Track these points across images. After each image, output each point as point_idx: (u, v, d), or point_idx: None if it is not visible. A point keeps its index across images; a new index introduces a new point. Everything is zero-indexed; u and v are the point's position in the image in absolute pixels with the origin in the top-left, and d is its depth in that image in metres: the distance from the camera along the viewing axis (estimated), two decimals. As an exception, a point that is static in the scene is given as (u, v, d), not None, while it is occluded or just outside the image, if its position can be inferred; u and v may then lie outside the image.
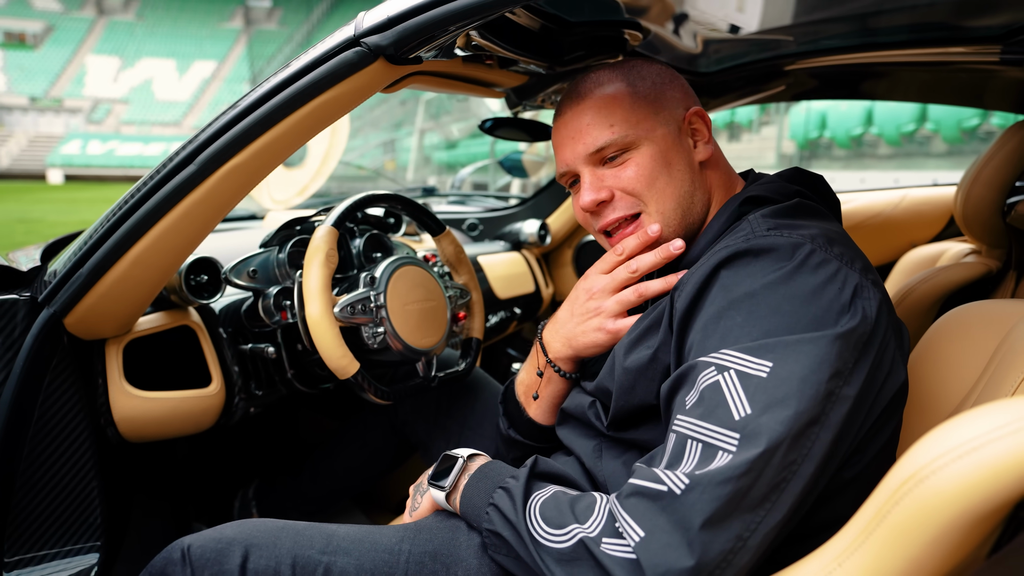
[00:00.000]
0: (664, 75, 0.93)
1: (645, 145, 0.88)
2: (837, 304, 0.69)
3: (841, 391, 0.66)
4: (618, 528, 0.65)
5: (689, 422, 0.67)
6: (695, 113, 0.91)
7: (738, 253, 0.73)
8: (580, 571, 0.66)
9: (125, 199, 0.95)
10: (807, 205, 0.83)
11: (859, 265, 0.74)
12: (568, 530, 0.68)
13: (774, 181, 0.89)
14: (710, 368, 0.67)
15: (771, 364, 0.65)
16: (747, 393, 0.64)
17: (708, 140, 0.92)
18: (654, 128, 0.88)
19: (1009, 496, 0.47)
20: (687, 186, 0.89)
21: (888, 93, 1.79)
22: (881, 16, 1.28)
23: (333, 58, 0.84)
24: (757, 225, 0.78)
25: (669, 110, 0.90)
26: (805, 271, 0.70)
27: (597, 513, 0.68)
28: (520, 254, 2.23)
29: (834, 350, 0.66)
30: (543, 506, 0.72)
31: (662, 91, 0.91)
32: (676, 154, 0.89)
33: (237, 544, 0.77)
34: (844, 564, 0.56)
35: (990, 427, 0.48)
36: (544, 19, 1.06)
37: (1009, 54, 1.28)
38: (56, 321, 1.00)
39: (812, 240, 0.73)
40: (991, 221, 1.34)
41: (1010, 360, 0.78)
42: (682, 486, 0.63)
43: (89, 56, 41.25)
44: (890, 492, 0.52)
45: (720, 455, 0.63)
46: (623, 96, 0.89)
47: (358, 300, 1.11)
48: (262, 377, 1.28)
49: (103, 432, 1.09)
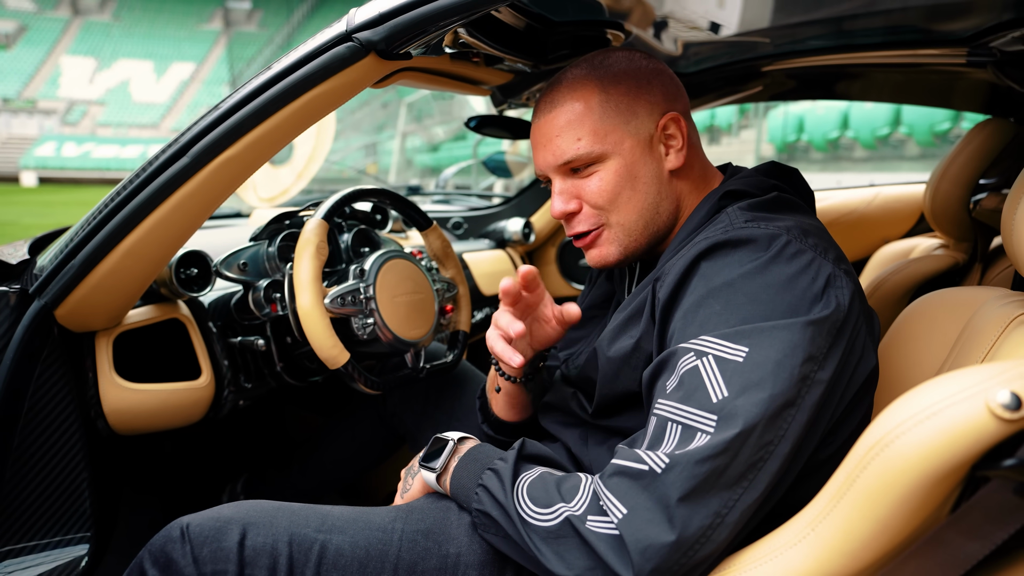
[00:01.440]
0: (642, 76, 0.90)
1: (612, 159, 0.88)
2: (810, 292, 0.72)
3: (815, 375, 0.69)
4: (602, 506, 0.68)
5: (669, 405, 0.70)
6: (671, 119, 0.89)
7: (717, 244, 0.76)
8: (566, 548, 0.68)
9: (118, 191, 0.96)
10: (784, 199, 0.86)
11: (832, 255, 0.77)
12: (554, 509, 0.70)
13: (752, 175, 0.91)
14: (689, 354, 0.70)
15: (747, 349, 0.68)
16: (724, 377, 0.67)
17: (682, 147, 0.90)
18: (622, 140, 0.88)
19: (966, 456, 0.51)
20: (652, 198, 0.90)
21: (863, 93, 1.84)
22: (855, 19, 1.33)
23: (325, 53, 0.86)
24: (735, 217, 0.81)
25: (641, 118, 0.89)
26: (781, 261, 0.74)
27: (582, 493, 0.71)
28: (505, 252, 2.26)
29: (807, 336, 0.69)
30: (530, 486, 0.75)
31: (636, 97, 0.89)
32: (643, 166, 0.89)
33: (235, 523, 0.78)
34: (817, 528, 0.59)
35: (947, 393, 0.52)
36: (529, 18, 1.09)
37: (974, 56, 1.33)
38: (47, 313, 1.01)
39: (788, 231, 0.76)
40: (958, 216, 1.40)
41: (972, 342, 0.82)
42: (662, 465, 0.65)
43: (64, 57, 40.55)
44: (858, 458, 0.56)
45: (699, 436, 0.66)
46: (593, 106, 0.88)
47: (348, 291, 1.13)
48: (251, 370, 1.29)
49: (93, 424, 1.10)
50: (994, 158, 1.41)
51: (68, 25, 42.24)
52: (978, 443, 0.50)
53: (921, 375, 0.90)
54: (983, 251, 1.42)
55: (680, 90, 0.94)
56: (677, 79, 0.95)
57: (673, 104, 0.91)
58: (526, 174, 2.98)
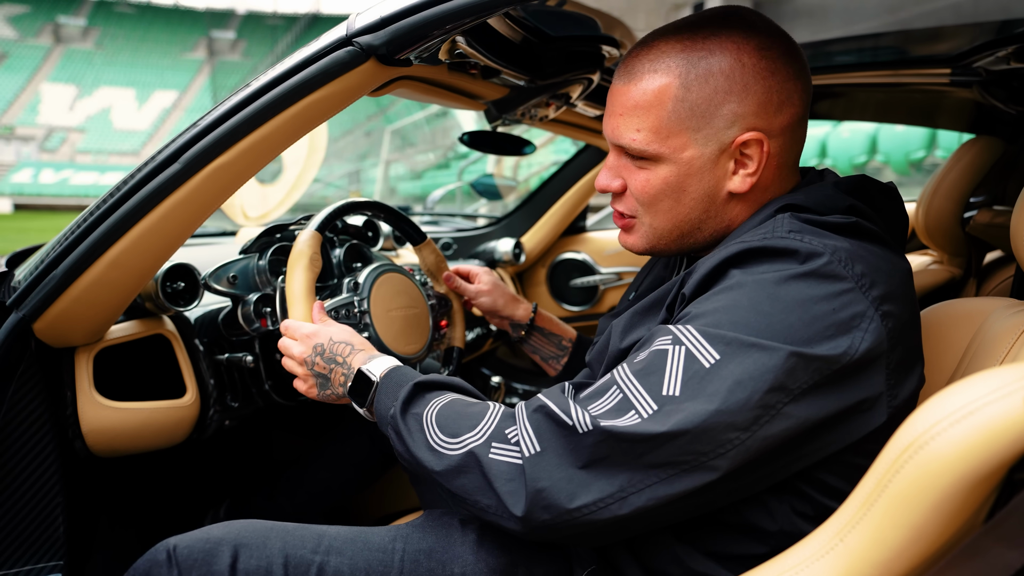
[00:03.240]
0: (739, 78, 0.75)
1: (665, 164, 0.78)
2: (822, 323, 0.65)
3: (782, 407, 0.63)
4: (510, 435, 0.69)
5: (625, 373, 0.68)
6: (753, 139, 0.76)
7: (751, 251, 0.70)
8: (464, 481, 0.70)
9: (104, 199, 0.93)
10: (852, 225, 0.73)
11: (877, 292, 0.68)
12: (460, 440, 0.71)
13: (825, 190, 0.78)
14: (668, 336, 0.68)
15: (719, 357, 0.64)
16: (684, 376, 0.65)
17: (755, 171, 0.78)
18: (684, 148, 0.77)
19: (1005, 457, 0.49)
20: (695, 214, 0.81)
21: (846, 113, 1.87)
22: (837, 42, 1.35)
23: (324, 57, 0.84)
24: (780, 224, 0.72)
25: (716, 127, 0.76)
26: (808, 280, 0.66)
27: (488, 418, 0.72)
28: (495, 272, 2.24)
29: (786, 365, 0.63)
30: (439, 414, 0.75)
31: (720, 102, 0.75)
32: (698, 182, 0.78)
33: (226, 544, 0.74)
34: (846, 539, 0.57)
35: (984, 391, 0.50)
36: (526, 31, 1.09)
37: (959, 76, 1.36)
38: (25, 326, 0.96)
39: (833, 252, 0.68)
40: (952, 231, 1.41)
41: (985, 351, 0.81)
42: (584, 428, 0.65)
43: (44, 84, 40.36)
44: (890, 461, 0.54)
45: (631, 414, 0.65)
46: (666, 99, 0.76)
47: (342, 305, 1.10)
48: (238, 388, 1.24)
49: (70, 445, 1.04)
50: (983, 175, 1.43)
51: (49, 53, 42.13)
52: (1016, 443, 0.48)
53: (933, 384, 0.88)
54: (977, 266, 1.43)
55: (791, 98, 0.77)
56: (799, 82, 0.78)
57: (769, 118, 0.76)
58: (514, 196, 2.98)
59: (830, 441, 0.67)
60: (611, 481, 0.64)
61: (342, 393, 0.92)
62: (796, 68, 0.78)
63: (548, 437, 0.67)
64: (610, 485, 0.64)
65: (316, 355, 0.95)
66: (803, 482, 0.70)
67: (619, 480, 0.64)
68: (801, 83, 0.78)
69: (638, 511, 0.64)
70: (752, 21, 0.78)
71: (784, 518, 0.70)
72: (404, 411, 0.78)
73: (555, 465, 0.65)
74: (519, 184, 2.90)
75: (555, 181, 2.32)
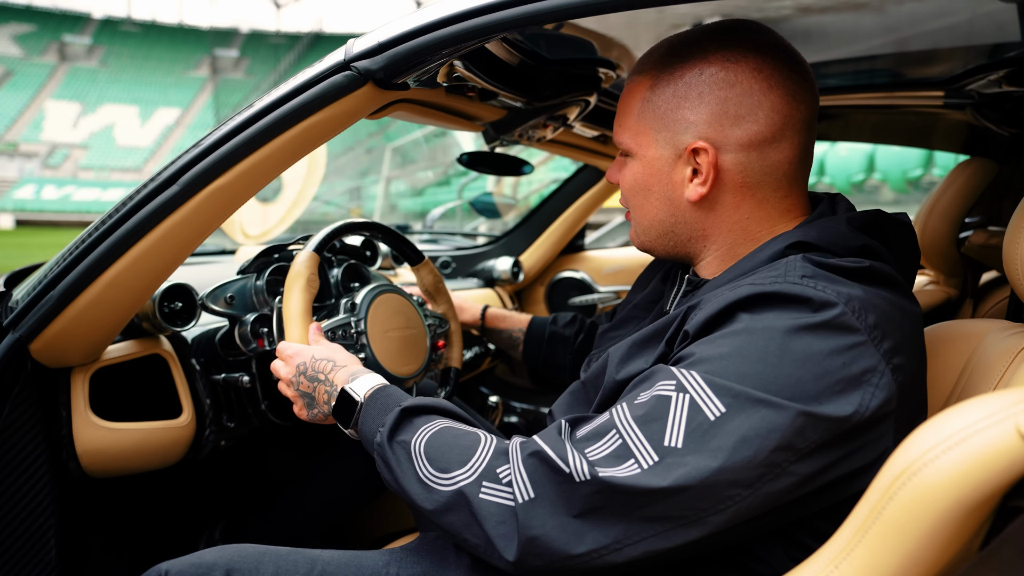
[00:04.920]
0: (694, 85, 0.77)
1: (636, 161, 0.84)
2: (832, 379, 0.63)
3: (789, 466, 0.62)
4: (502, 474, 0.67)
5: (626, 416, 0.66)
6: (701, 148, 0.77)
7: (762, 296, 0.67)
8: (453, 518, 0.68)
9: (103, 220, 0.93)
10: (866, 270, 0.71)
11: (889, 344, 0.66)
12: (451, 476, 0.70)
13: (837, 226, 0.76)
14: (673, 381, 0.65)
15: (724, 410, 0.62)
16: (688, 427, 0.63)
17: (705, 181, 0.78)
18: (648, 147, 0.81)
19: (998, 485, 0.49)
20: (662, 216, 0.83)
21: (842, 134, 1.89)
22: (833, 64, 1.37)
23: (323, 81, 0.85)
24: (792, 268, 0.70)
25: (674, 131, 0.79)
26: (820, 332, 0.64)
27: (481, 452, 0.70)
28: (493, 291, 2.24)
29: (794, 424, 0.61)
30: (428, 444, 0.74)
31: (678, 107, 0.78)
32: (659, 183, 0.82)
33: (218, 569, 0.73)
34: (840, 566, 0.56)
35: (976, 418, 0.50)
36: (523, 55, 1.10)
37: (952, 99, 1.37)
38: (21, 346, 0.96)
39: (847, 302, 0.66)
40: (947, 251, 1.41)
41: (980, 373, 0.81)
42: (581, 477, 0.63)
43: (48, 101, 40.71)
44: (884, 488, 0.53)
45: (631, 463, 0.63)
46: (636, 102, 0.82)
47: (338, 326, 1.10)
48: (234, 408, 1.24)
49: (64, 466, 1.04)
50: (978, 196, 1.44)
51: (54, 71, 42.55)
52: (1010, 470, 0.48)
53: (928, 408, 0.88)
54: (973, 287, 1.44)
55: (754, 114, 0.76)
56: (771, 99, 0.76)
57: (722, 130, 0.76)
58: (513, 215, 2.99)
59: (832, 494, 0.66)
60: (607, 532, 0.63)
61: (328, 412, 0.91)
62: (768, 85, 0.75)
63: (543, 483, 0.65)
64: (605, 536, 0.63)
65: (299, 374, 0.94)
66: (796, 528, 0.69)
67: (615, 531, 0.62)
68: (775, 100, 0.75)
69: (633, 560, 0.63)
70: (736, 33, 0.77)
71: (779, 563, 0.69)
72: (391, 438, 0.77)
73: (549, 513, 0.64)
74: (519, 202, 2.91)
75: (554, 200, 2.33)
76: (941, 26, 1.14)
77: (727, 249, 0.83)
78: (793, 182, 0.80)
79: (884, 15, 1.10)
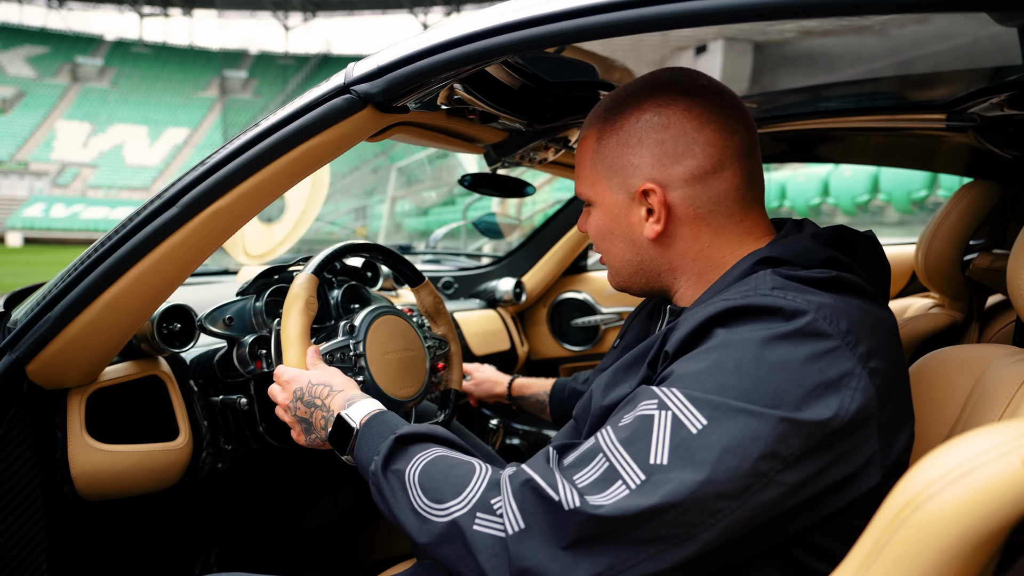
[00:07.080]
0: (637, 133, 0.81)
1: (596, 208, 0.87)
2: (809, 384, 0.64)
3: (775, 475, 0.62)
4: (495, 505, 0.67)
5: (611, 439, 0.67)
6: (650, 189, 0.80)
7: (735, 310, 0.69)
8: (447, 550, 0.68)
9: (102, 241, 0.93)
10: (832, 279, 0.73)
11: (864, 349, 0.67)
12: (445, 507, 0.70)
13: (803, 242, 0.78)
14: (655, 400, 0.66)
15: (706, 422, 0.63)
16: (672, 442, 0.63)
17: (659, 219, 0.81)
18: (604, 194, 0.85)
19: (1005, 519, 0.47)
20: (629, 256, 0.87)
21: (845, 156, 1.89)
22: (836, 87, 1.37)
23: (322, 104, 0.86)
24: (762, 281, 0.72)
25: (623, 177, 0.83)
26: (793, 340, 0.65)
27: (475, 483, 0.70)
28: (496, 312, 2.23)
29: (776, 432, 0.62)
30: (422, 474, 0.74)
31: (623, 154, 0.82)
32: (619, 226, 0.85)
33: (207, 599, 0.72)
34: (844, 601, 0.55)
35: (982, 449, 0.49)
36: (524, 78, 1.10)
37: (954, 121, 1.37)
38: (18, 368, 0.96)
39: (817, 309, 0.67)
40: (952, 275, 1.40)
41: (986, 400, 0.79)
42: (570, 505, 0.63)
43: (59, 121, 41.28)
44: (887, 521, 0.52)
45: (619, 486, 0.63)
46: (588, 154, 0.86)
47: (337, 348, 1.09)
48: (232, 431, 1.23)
49: (58, 489, 1.03)
50: (982, 219, 1.43)
51: (66, 91, 43.19)
52: (1017, 504, 0.47)
53: (933, 434, 0.86)
54: (979, 310, 1.42)
55: (691, 150, 0.79)
56: (706, 134, 0.79)
57: (664, 169, 0.80)
58: (516, 235, 2.99)
59: (823, 505, 0.65)
60: (599, 560, 0.62)
61: (325, 437, 0.91)
62: (700, 123, 0.79)
63: (533, 514, 0.65)
64: (598, 564, 0.62)
65: (296, 400, 0.94)
66: (794, 545, 0.68)
67: (607, 559, 0.62)
68: (709, 135, 0.79)
69: None
70: (665, 80, 0.82)
71: None
72: (385, 468, 0.76)
73: (539, 544, 0.64)
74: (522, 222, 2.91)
75: (556, 221, 2.33)
76: (943, 49, 1.14)
77: (696, 277, 0.85)
78: (746, 206, 0.83)
79: (886, 38, 1.11)
